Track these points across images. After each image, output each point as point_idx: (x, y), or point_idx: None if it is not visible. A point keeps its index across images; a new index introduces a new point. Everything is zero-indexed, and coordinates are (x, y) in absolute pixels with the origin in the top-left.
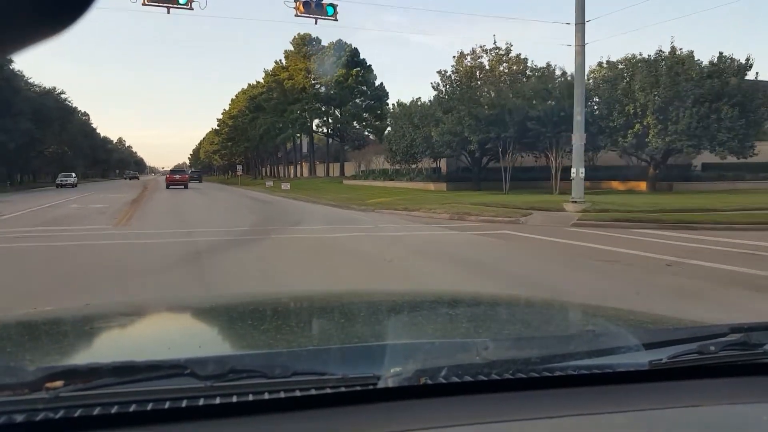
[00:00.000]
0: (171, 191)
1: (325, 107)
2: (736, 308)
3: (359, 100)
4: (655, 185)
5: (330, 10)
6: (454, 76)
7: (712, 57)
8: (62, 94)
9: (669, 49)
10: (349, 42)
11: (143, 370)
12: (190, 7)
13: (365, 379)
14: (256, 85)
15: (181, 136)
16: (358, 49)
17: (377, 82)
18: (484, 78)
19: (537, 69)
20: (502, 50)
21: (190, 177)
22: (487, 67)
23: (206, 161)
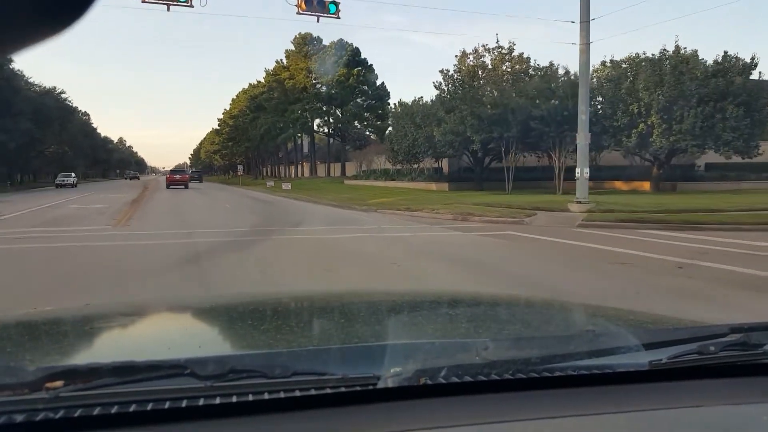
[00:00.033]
0: (171, 191)
1: (326, 107)
2: (758, 314)
3: (360, 100)
4: (659, 185)
5: (332, 8)
6: (457, 76)
7: (717, 56)
8: (62, 94)
9: (673, 48)
10: (350, 42)
11: (143, 370)
12: (191, 5)
13: (365, 379)
14: (257, 84)
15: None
16: (359, 49)
17: (378, 82)
18: (487, 77)
19: (540, 68)
20: (505, 49)
21: (191, 177)
22: (490, 67)
23: (207, 161)
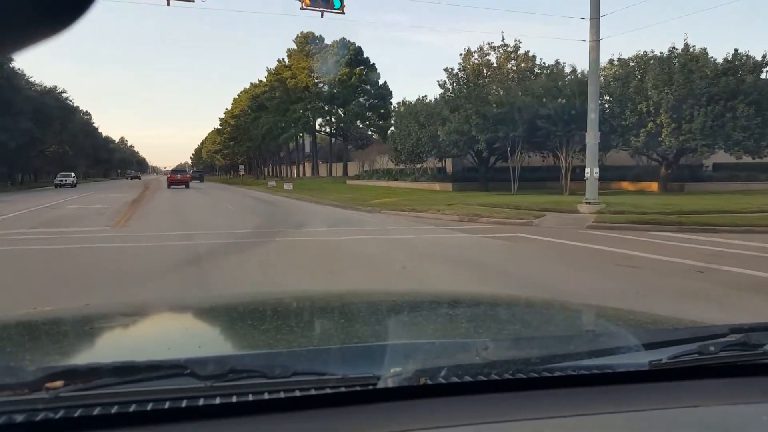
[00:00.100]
0: (172, 191)
1: (328, 106)
2: None
3: (362, 99)
4: (667, 186)
5: (337, 3)
6: (461, 74)
7: (727, 54)
8: (63, 93)
9: (682, 46)
10: (353, 41)
11: (143, 370)
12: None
13: (365, 379)
14: (258, 84)
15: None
16: (361, 48)
17: (381, 81)
18: (492, 76)
19: (546, 66)
20: (510, 47)
21: (192, 177)
22: (495, 65)
23: (208, 161)
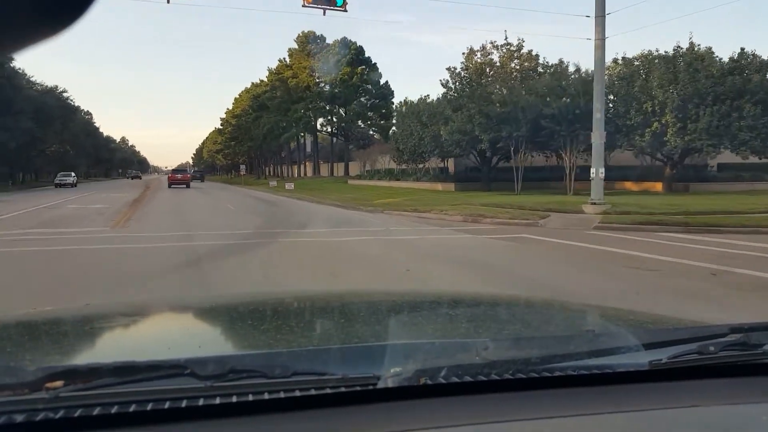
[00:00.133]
0: (173, 191)
1: (330, 106)
2: None
3: (364, 99)
4: (671, 186)
5: (339, 0)
6: (464, 73)
7: (733, 53)
8: (64, 93)
9: (687, 45)
10: (354, 40)
11: (143, 370)
12: None
13: (365, 379)
14: (259, 83)
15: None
16: (362, 47)
17: (382, 81)
18: (495, 75)
19: (549, 66)
20: (514, 46)
21: (193, 176)
22: (498, 64)
23: (209, 161)
